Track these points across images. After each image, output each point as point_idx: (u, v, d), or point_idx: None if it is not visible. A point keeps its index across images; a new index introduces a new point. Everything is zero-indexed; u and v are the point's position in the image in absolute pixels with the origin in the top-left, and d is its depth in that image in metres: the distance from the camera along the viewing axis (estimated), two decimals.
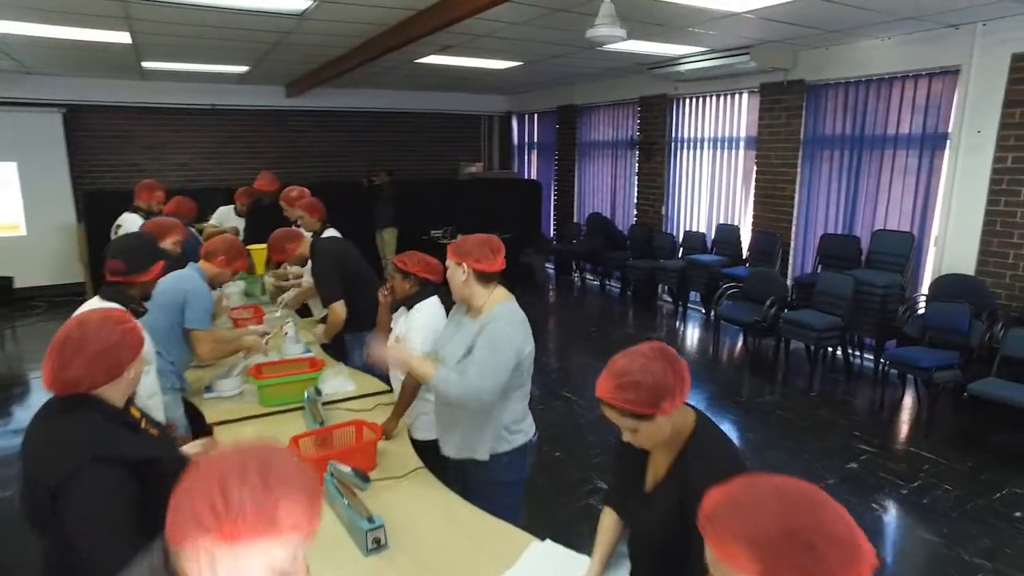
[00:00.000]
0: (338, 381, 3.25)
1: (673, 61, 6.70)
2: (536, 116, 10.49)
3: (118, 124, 8.49)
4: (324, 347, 3.85)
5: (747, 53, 5.96)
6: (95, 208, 7.71)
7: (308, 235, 4.15)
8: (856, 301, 5.21)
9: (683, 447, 1.58)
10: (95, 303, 2.25)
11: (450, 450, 2.38)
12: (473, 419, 2.26)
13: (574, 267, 9.61)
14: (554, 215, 10.17)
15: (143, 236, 2.35)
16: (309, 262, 3.82)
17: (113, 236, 4.62)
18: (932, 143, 5.29)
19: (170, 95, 8.47)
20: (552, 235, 10.08)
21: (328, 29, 5.20)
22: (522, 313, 2.32)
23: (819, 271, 6.05)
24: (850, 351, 5.57)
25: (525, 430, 2.37)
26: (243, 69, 7.44)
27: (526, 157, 10.93)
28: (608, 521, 1.82)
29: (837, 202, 6.08)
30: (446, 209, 9.48)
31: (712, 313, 6.57)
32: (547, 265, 9.68)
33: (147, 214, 4.70)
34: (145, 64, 6.99)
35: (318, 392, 2.83)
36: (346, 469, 2.03)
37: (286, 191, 4.92)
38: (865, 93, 5.73)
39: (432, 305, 2.86)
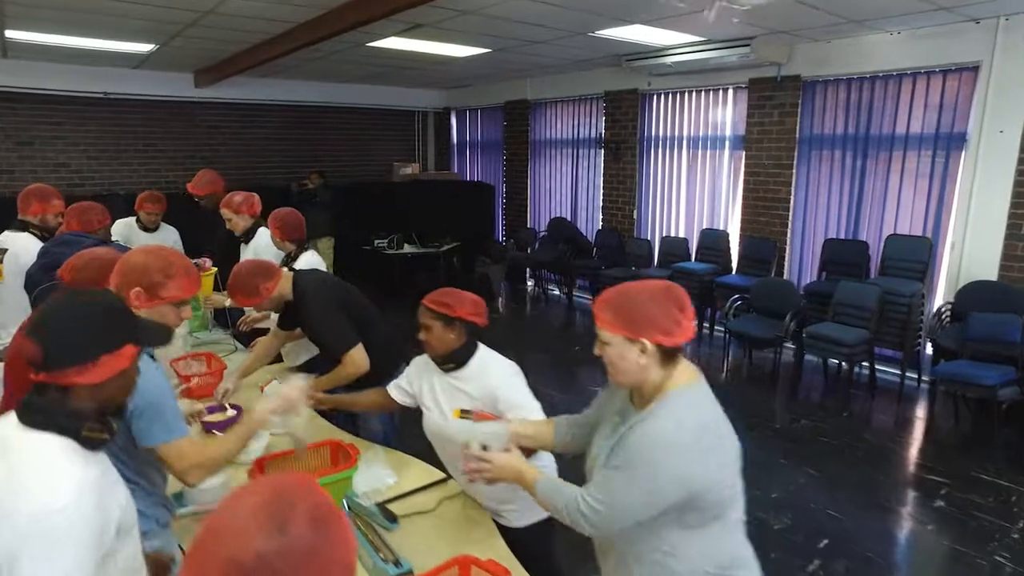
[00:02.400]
0: (374, 473, 2.30)
1: (659, 51, 6.13)
2: (479, 112, 9.65)
3: None
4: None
5: (747, 44, 5.49)
6: None
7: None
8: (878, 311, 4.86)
9: None
10: (15, 434, 1.13)
11: None
12: (650, 557, 1.47)
13: (528, 276, 8.90)
14: (504, 220, 9.38)
15: (88, 297, 1.27)
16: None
17: None
18: (947, 143, 5.03)
19: (45, 78, 6.84)
20: (502, 242, 9.29)
21: None
22: (713, 408, 1.50)
23: (823, 278, 5.71)
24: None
25: (747, 563, 1.58)
26: (147, 48, 6.07)
27: (467, 157, 10.06)
28: None
29: (839, 205, 5.75)
30: (386, 214, 8.46)
31: (716, 327, 6.08)
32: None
33: (42, 232, 3.43)
34: (10, 34, 5.47)
35: (391, 518, 1.89)
36: None
37: (228, 197, 3.83)
38: (870, 91, 5.42)
39: (499, 358, 2.16)
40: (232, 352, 3.75)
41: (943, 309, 4.91)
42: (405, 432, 2.90)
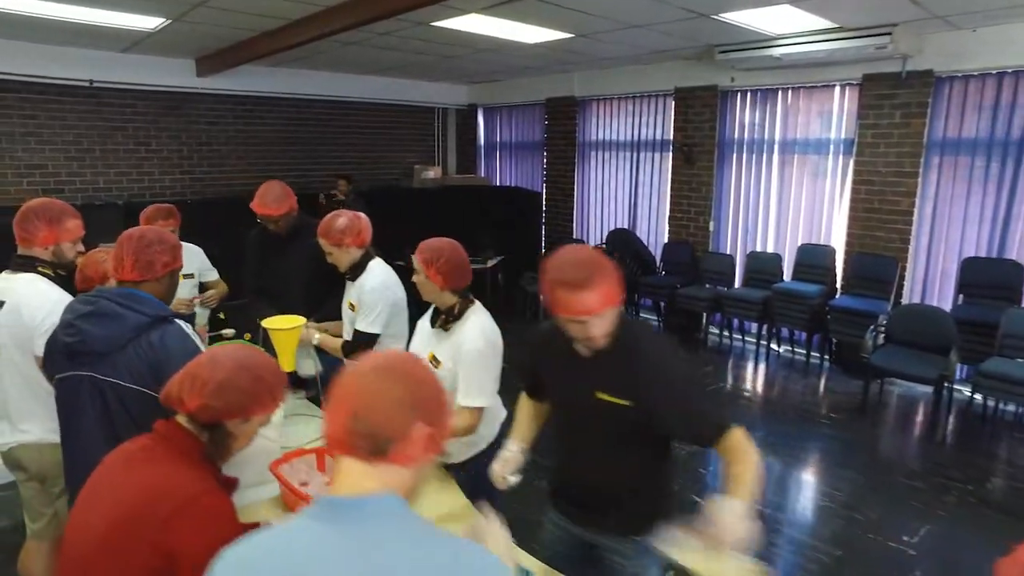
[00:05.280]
0: None
1: (766, 41, 5.31)
2: (512, 110, 8.68)
3: None
4: None
5: (888, 33, 4.72)
6: None
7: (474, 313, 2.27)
8: None
9: None
10: None
11: None
12: None
13: None
14: (544, 230, 8.44)
15: None
16: None
17: None
18: None
19: (15, 61, 5.57)
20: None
21: None
22: None
23: (960, 302, 5.00)
24: None
25: None
26: (152, 24, 4.91)
27: (496, 159, 9.08)
28: None
29: (980, 219, 5.03)
30: (413, 225, 7.39)
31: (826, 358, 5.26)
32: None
33: (56, 271, 2.33)
34: None
35: None
36: None
37: (326, 223, 2.75)
38: None
39: None
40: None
41: None
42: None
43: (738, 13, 4.44)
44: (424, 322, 2.50)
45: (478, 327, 2.24)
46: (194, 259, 3.59)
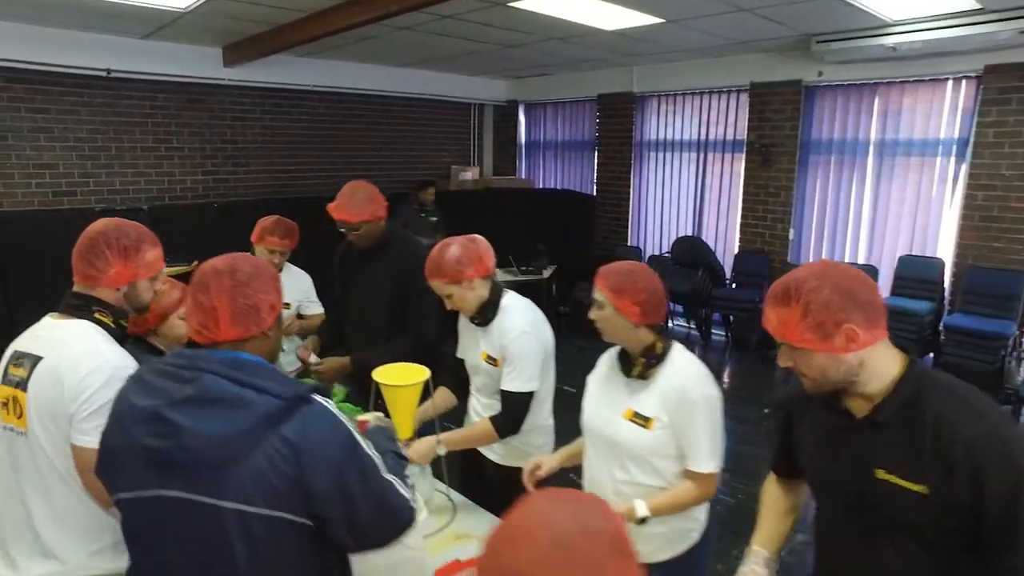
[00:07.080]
0: None
1: (880, 29, 4.71)
2: (558, 107, 8.04)
3: None
4: None
5: None
6: None
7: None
8: None
9: None
10: None
11: None
12: None
13: None
14: (596, 236, 7.81)
15: None
16: None
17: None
18: None
19: (22, 48, 4.88)
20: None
21: None
22: None
23: None
24: None
25: None
26: (186, 3, 4.25)
27: (538, 159, 8.43)
28: None
29: None
30: (453, 231, 6.78)
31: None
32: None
33: (117, 320, 1.59)
34: None
35: None
36: None
37: (436, 259, 2.04)
38: None
39: None
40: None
41: None
42: None
43: None
44: (596, 378, 1.92)
45: (693, 370, 1.71)
46: (297, 286, 2.94)
